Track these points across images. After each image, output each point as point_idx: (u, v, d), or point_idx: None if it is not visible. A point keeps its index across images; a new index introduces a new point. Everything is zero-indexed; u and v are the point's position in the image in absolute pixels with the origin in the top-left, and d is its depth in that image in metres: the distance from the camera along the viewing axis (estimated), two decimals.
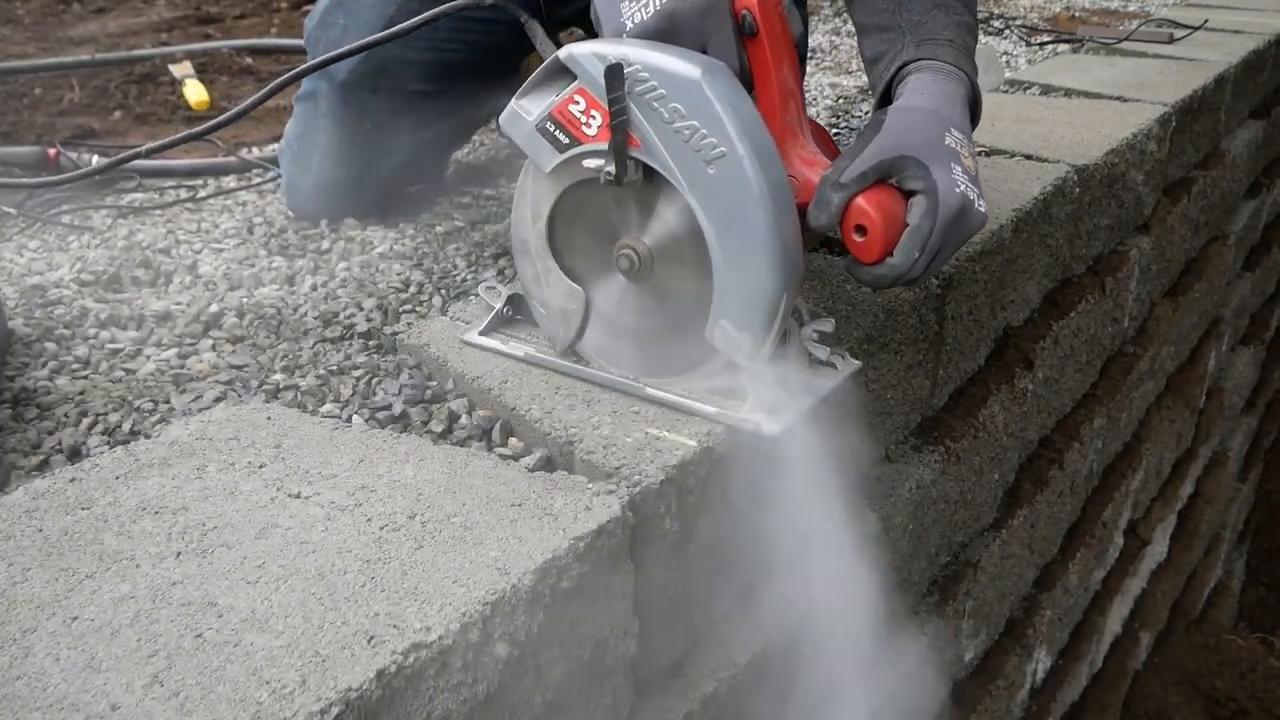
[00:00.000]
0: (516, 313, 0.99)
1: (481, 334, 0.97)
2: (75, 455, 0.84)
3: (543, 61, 0.85)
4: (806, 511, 0.80)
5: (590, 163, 0.82)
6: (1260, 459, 3.46)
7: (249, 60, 2.44)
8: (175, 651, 0.59)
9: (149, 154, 1.12)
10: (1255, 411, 3.19)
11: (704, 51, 0.83)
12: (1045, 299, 1.52)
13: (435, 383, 0.95)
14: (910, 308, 1.08)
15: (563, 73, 0.83)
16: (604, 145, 0.81)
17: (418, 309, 1.11)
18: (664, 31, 0.83)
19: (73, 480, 0.75)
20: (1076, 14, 2.90)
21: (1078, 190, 1.48)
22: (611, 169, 0.80)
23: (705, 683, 0.87)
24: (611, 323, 0.89)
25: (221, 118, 1.07)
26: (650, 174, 0.81)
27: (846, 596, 0.85)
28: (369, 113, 1.34)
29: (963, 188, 0.83)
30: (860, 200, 0.82)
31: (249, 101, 1.04)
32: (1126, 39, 2.41)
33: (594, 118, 0.81)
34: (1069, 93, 1.96)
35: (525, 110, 0.85)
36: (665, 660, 0.85)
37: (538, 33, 0.96)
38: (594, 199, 0.86)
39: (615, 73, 0.78)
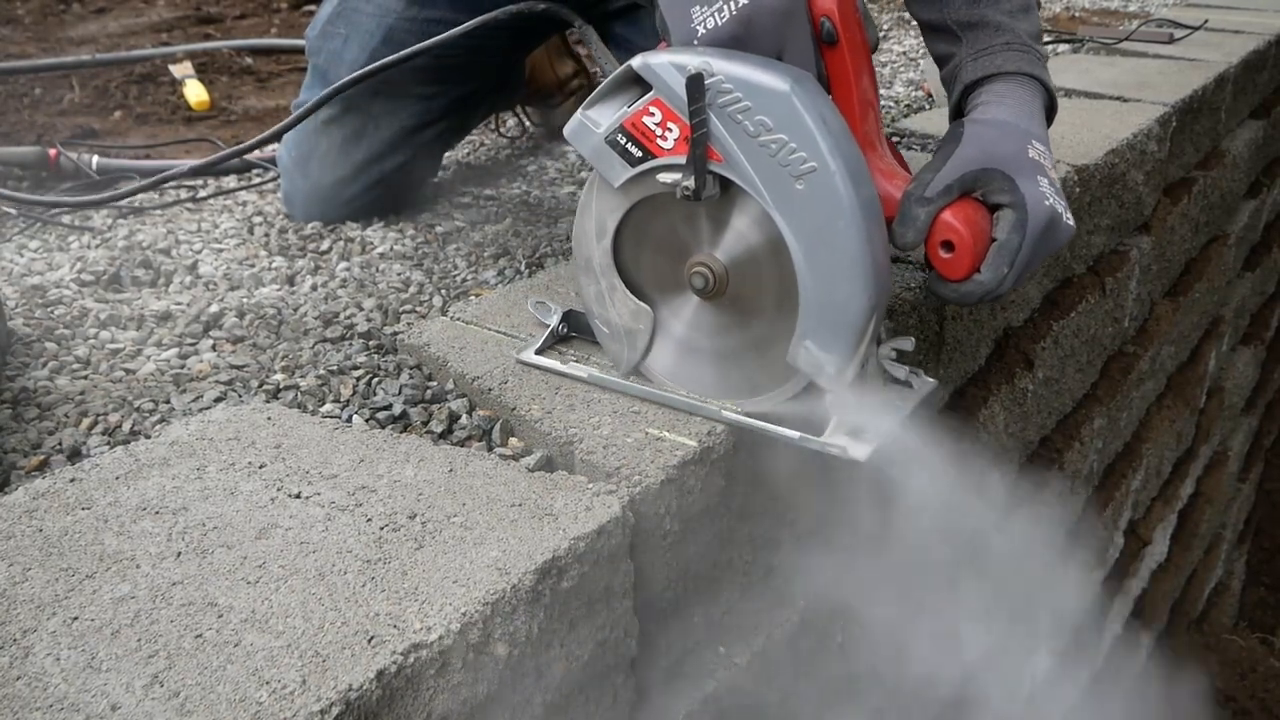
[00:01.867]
0: (572, 330, 0.95)
1: (538, 353, 0.93)
2: (75, 455, 0.84)
3: (549, 59, 0.83)
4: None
5: (666, 177, 0.79)
6: (1260, 459, 3.46)
7: (249, 60, 2.44)
8: (175, 651, 0.59)
9: (192, 173, 1.12)
10: (1255, 411, 3.19)
11: (779, 59, 0.79)
12: (1045, 299, 1.52)
13: (435, 383, 0.95)
14: (910, 308, 1.08)
15: (635, 83, 0.79)
16: (680, 159, 0.77)
17: (418, 309, 1.11)
18: (739, 38, 0.78)
19: (73, 480, 0.75)
20: (1076, 14, 2.90)
21: (1078, 190, 1.48)
22: (690, 183, 0.77)
23: (706, 682, 0.87)
24: (681, 343, 0.87)
25: (265, 135, 1.08)
26: (727, 188, 0.78)
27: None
28: (368, 116, 1.34)
29: (1050, 200, 0.81)
30: (947, 215, 0.79)
31: (285, 123, 1.04)
32: (1126, 39, 2.41)
33: (671, 130, 0.77)
34: (1069, 92, 1.96)
35: (593, 122, 0.81)
36: (666, 660, 0.85)
37: (593, 39, 0.92)
38: (664, 215, 0.83)
39: (696, 83, 0.74)
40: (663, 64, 0.76)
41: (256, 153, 1.70)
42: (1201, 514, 2.61)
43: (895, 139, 1.68)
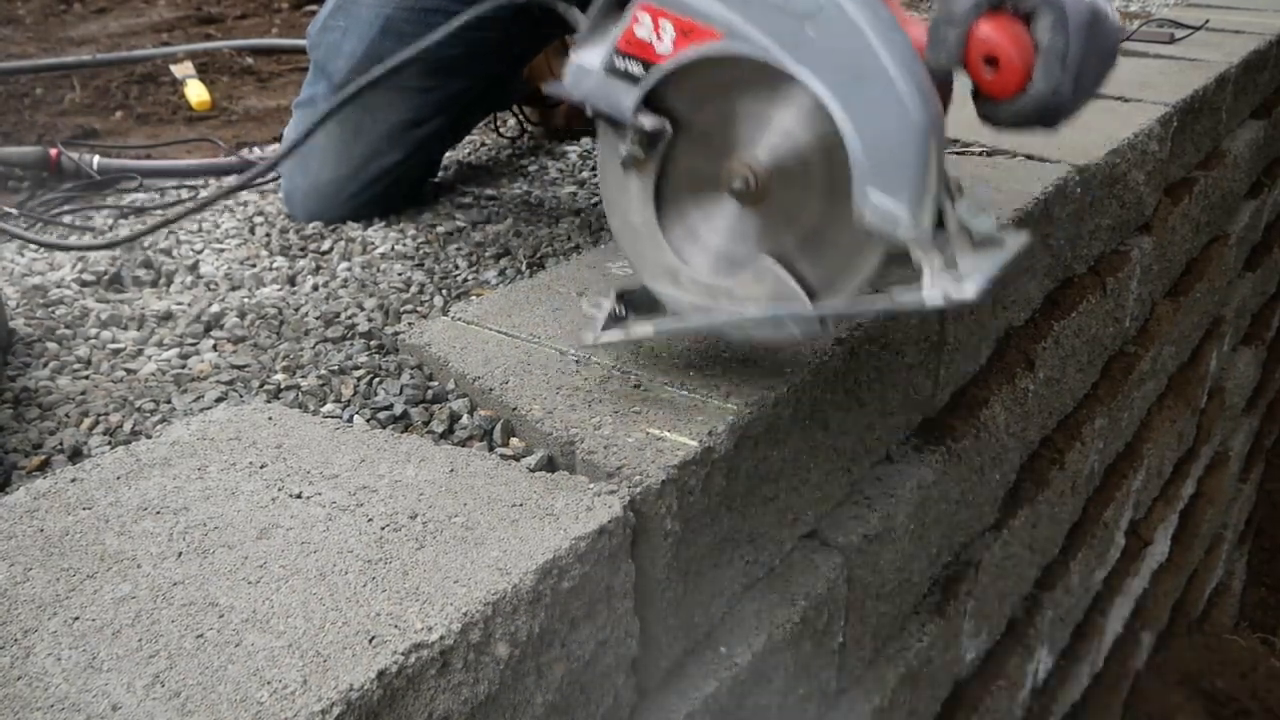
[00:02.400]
0: (628, 310, 0.89)
1: (604, 330, 0.87)
2: (76, 455, 0.84)
3: (548, 60, 0.80)
4: None
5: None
6: (1261, 459, 3.46)
7: (250, 60, 2.44)
8: (176, 651, 0.59)
9: (231, 192, 1.12)
10: (1256, 411, 3.19)
11: None
12: (1046, 299, 1.52)
13: (436, 383, 0.95)
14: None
15: (616, 7, 0.76)
16: (692, 53, 0.72)
17: (419, 309, 1.11)
18: None
19: (74, 480, 0.75)
20: None
21: (1079, 190, 1.48)
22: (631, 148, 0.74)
23: (707, 682, 0.87)
24: (732, 259, 0.81)
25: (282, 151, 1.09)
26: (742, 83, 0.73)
27: None
28: (365, 109, 1.34)
29: None
30: (984, 28, 0.71)
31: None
32: (1127, 39, 2.41)
33: (665, 29, 0.72)
34: None
35: (587, 61, 0.77)
36: (667, 660, 0.85)
37: (576, 17, 0.93)
38: (688, 137, 0.78)
39: (614, 3, 0.72)
40: None
41: (257, 152, 1.70)
42: (1202, 514, 2.61)
43: None
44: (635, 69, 0.75)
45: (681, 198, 0.82)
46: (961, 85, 0.77)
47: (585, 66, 0.77)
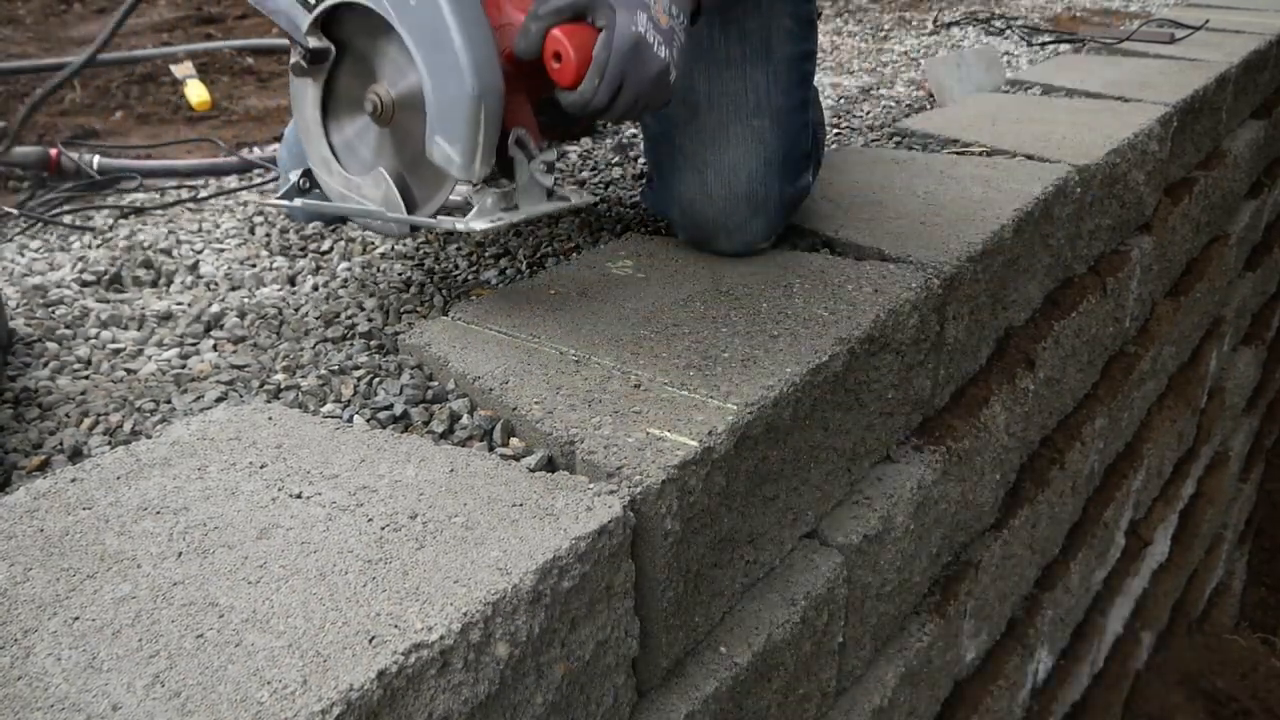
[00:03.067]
0: (311, 186, 1.11)
1: (280, 198, 1.10)
2: (77, 455, 0.84)
3: None
4: None
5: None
6: (1261, 459, 3.46)
7: (250, 60, 2.44)
8: (176, 651, 0.59)
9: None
10: (1256, 411, 3.19)
11: None
12: (1047, 299, 1.52)
13: (436, 383, 0.95)
14: (911, 308, 1.08)
15: None
16: None
17: (419, 309, 1.11)
18: None
19: (74, 480, 0.75)
20: (1078, 14, 2.90)
21: (1079, 190, 1.48)
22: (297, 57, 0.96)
23: (707, 682, 0.87)
24: (369, 165, 1.04)
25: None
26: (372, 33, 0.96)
27: None
28: None
29: (641, 29, 0.92)
30: (557, 31, 0.92)
31: None
32: (1128, 39, 2.41)
33: None
34: (1070, 93, 1.96)
35: None
36: (667, 660, 0.85)
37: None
38: (350, 59, 1.00)
39: None
40: None
41: (257, 152, 1.70)
42: (1202, 514, 2.61)
43: (896, 139, 1.68)
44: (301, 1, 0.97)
45: (340, 106, 1.04)
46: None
47: None
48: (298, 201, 1.08)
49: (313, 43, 0.98)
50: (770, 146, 1.12)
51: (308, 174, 1.09)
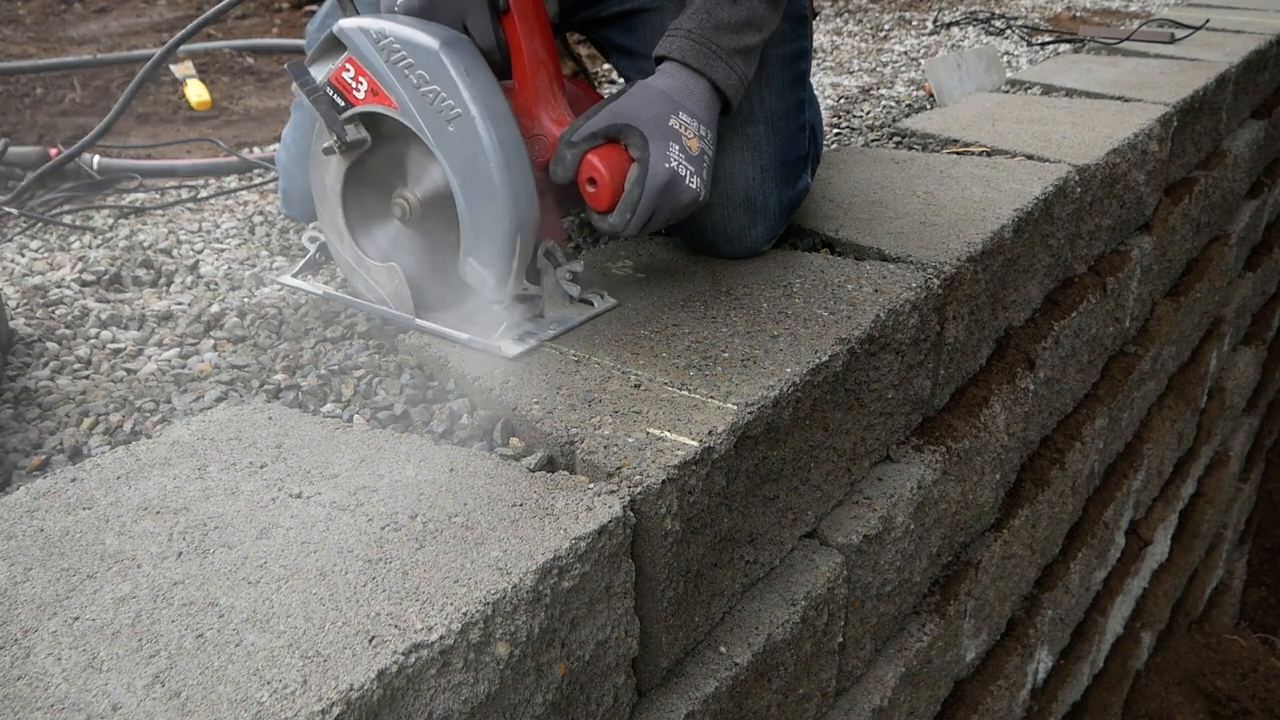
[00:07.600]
0: (328, 258, 1.11)
1: (294, 276, 1.11)
2: (77, 455, 0.84)
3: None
4: None
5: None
6: (1261, 459, 3.46)
7: (250, 60, 2.44)
8: (176, 651, 0.59)
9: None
10: (1256, 411, 3.19)
11: (465, 28, 0.94)
12: (1047, 299, 1.52)
13: (436, 383, 0.95)
14: (911, 308, 1.08)
15: (338, 44, 0.94)
16: (374, 108, 0.92)
17: None
18: (426, 9, 0.93)
19: (74, 480, 0.75)
20: (1078, 14, 2.90)
21: (1079, 190, 1.48)
22: (329, 141, 0.94)
23: (707, 682, 0.87)
24: (381, 252, 1.03)
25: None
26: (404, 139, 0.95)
27: None
28: None
29: (674, 164, 0.93)
30: (592, 157, 0.93)
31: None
32: (1128, 39, 2.41)
33: (361, 83, 0.93)
34: (1070, 93, 1.96)
35: (315, 76, 0.96)
36: (666, 660, 0.85)
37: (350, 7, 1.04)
38: (381, 148, 0.97)
39: (298, 70, 0.93)
40: (352, 28, 0.92)
41: (258, 153, 1.70)
42: (1202, 514, 2.61)
43: (896, 139, 1.68)
44: (339, 100, 0.95)
45: (365, 188, 1.01)
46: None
47: (313, 80, 0.97)
48: (319, 290, 1.09)
49: (351, 135, 0.95)
50: (766, 154, 1.12)
51: (324, 248, 1.10)
